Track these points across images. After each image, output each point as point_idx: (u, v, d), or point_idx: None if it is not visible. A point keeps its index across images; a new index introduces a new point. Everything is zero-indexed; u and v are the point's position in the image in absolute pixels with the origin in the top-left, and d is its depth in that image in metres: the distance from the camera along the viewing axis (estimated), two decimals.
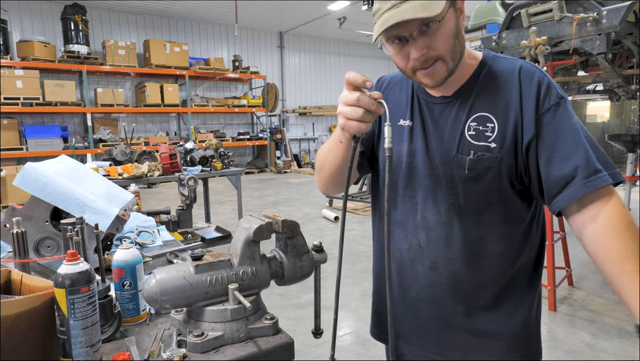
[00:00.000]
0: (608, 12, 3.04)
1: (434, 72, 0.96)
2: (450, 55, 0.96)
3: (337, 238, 5.65)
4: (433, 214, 1.06)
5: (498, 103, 0.99)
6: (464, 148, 1.00)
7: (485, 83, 1.02)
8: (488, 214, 1.02)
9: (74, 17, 9.79)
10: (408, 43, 0.94)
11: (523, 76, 0.99)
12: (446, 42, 0.94)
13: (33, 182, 1.35)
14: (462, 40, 0.98)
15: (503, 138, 0.97)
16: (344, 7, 11.66)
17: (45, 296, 0.87)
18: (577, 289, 3.86)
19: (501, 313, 1.07)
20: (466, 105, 1.02)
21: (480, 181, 1.00)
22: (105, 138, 10.34)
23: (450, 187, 1.03)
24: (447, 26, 0.93)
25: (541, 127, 0.95)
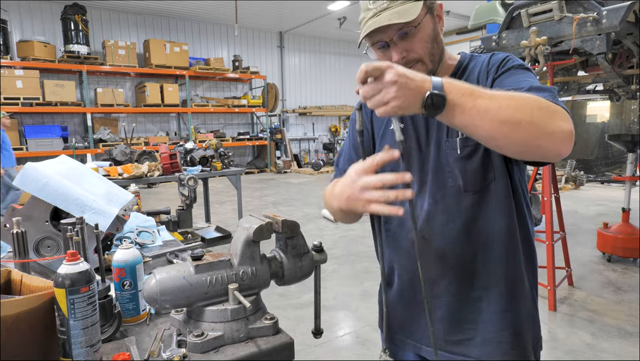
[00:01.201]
0: (608, 12, 3.04)
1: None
2: (429, 57, 1.04)
3: (337, 238, 5.66)
4: (431, 204, 1.09)
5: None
6: (452, 132, 1.06)
7: (463, 76, 1.10)
8: (488, 190, 1.06)
9: (74, 17, 9.80)
10: (389, 48, 1.03)
11: (491, 60, 1.07)
12: (424, 45, 1.03)
13: (33, 182, 1.35)
14: (440, 43, 1.08)
15: None
16: (344, 7, 11.67)
17: (45, 296, 0.87)
18: (577, 289, 3.86)
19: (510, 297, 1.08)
20: None
21: (473, 158, 1.04)
22: (105, 138, 10.35)
23: (448, 172, 1.07)
24: (424, 30, 1.02)
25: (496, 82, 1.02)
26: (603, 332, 3.08)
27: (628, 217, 4.37)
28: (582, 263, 4.51)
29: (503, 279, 1.08)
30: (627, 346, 2.89)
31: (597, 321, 3.24)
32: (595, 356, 2.79)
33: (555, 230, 3.74)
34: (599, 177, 10.22)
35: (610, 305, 3.51)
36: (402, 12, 0.98)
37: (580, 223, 6.22)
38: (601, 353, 2.82)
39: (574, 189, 9.32)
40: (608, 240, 4.45)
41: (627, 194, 4.36)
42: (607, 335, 3.03)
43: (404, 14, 0.98)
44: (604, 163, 10.97)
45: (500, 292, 1.07)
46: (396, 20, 0.97)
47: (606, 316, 3.31)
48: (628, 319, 3.26)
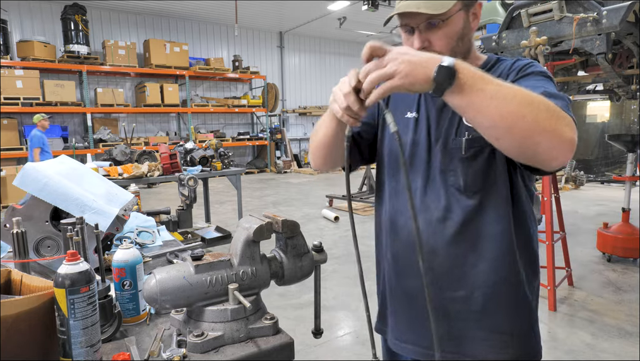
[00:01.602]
0: (608, 12, 3.04)
1: None
2: (450, 54, 0.96)
3: (337, 238, 5.67)
4: (433, 200, 1.09)
5: None
6: (461, 131, 1.06)
7: None
8: (487, 193, 1.05)
9: (74, 17, 9.80)
10: (414, 34, 1.02)
11: (514, 64, 1.06)
12: (448, 42, 1.01)
13: (33, 182, 1.35)
14: (467, 42, 1.06)
15: None
16: (344, 7, 11.67)
17: (45, 296, 0.87)
18: (577, 289, 3.86)
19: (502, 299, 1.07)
20: None
21: (477, 160, 1.04)
22: (105, 138, 10.35)
23: (451, 170, 1.07)
24: (452, 26, 1.01)
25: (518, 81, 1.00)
26: (603, 332, 3.07)
27: (628, 217, 4.37)
28: (582, 263, 4.50)
29: (492, 283, 1.06)
30: (627, 346, 2.89)
31: (597, 321, 3.24)
32: (595, 356, 2.79)
33: (555, 230, 3.74)
34: (599, 177, 10.22)
35: (610, 305, 3.51)
36: (434, 3, 0.97)
37: (581, 223, 6.22)
38: (601, 353, 2.82)
39: (574, 189, 9.32)
40: (608, 240, 4.45)
41: (627, 194, 4.36)
42: (607, 335, 3.03)
43: (435, 5, 0.97)
44: (604, 163, 10.97)
45: (486, 294, 1.06)
46: (424, 10, 0.97)
47: (606, 316, 3.31)
48: (628, 319, 3.26)
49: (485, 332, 1.08)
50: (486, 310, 1.07)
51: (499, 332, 1.07)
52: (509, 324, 1.08)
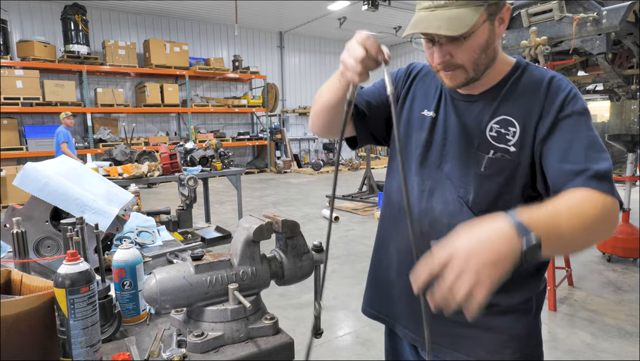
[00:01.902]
0: (608, 12, 3.04)
1: (453, 76, 1.00)
2: (472, 67, 0.98)
3: (337, 238, 5.67)
4: (439, 203, 1.07)
5: (523, 109, 1.00)
6: (483, 147, 1.02)
7: (513, 89, 1.03)
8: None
9: (74, 17, 9.80)
10: (434, 46, 0.97)
11: (552, 86, 1.00)
12: (470, 55, 0.96)
13: (33, 182, 1.35)
14: (492, 52, 0.99)
15: (522, 144, 0.99)
16: (344, 7, 11.67)
17: (45, 296, 0.87)
18: (577, 289, 3.86)
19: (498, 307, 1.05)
20: (491, 106, 1.04)
21: (493, 180, 1.01)
22: (105, 138, 10.35)
23: (463, 182, 1.04)
24: (476, 39, 0.94)
25: (557, 127, 0.96)
26: (603, 332, 3.07)
27: (628, 217, 4.37)
28: (582, 263, 4.50)
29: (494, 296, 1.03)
30: (627, 346, 2.89)
31: (597, 321, 3.24)
32: (595, 356, 2.79)
33: None
34: None
35: (610, 305, 3.51)
36: (455, 21, 0.89)
37: None
38: (601, 353, 2.82)
39: None
40: (608, 240, 4.45)
41: (627, 194, 4.36)
42: (607, 335, 3.03)
43: (457, 24, 0.89)
44: None
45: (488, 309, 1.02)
46: (444, 32, 0.89)
47: (606, 316, 3.31)
48: (628, 319, 3.26)
49: (481, 331, 1.07)
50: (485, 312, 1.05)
51: (497, 332, 1.07)
52: (508, 325, 1.07)
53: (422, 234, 1.09)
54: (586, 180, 0.89)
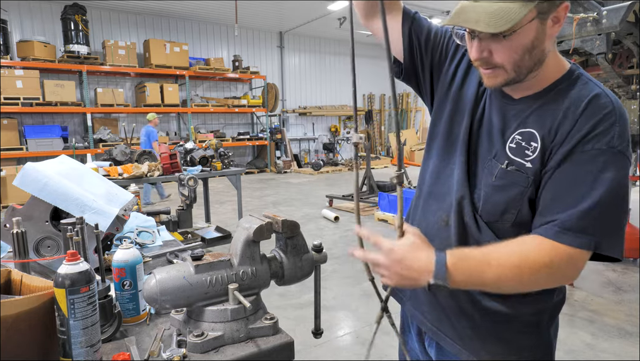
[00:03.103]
0: (608, 12, 3.04)
1: (492, 75, 0.93)
2: (513, 68, 0.90)
3: (337, 238, 5.67)
4: (465, 199, 1.02)
5: (551, 125, 0.92)
6: (500, 156, 0.97)
7: (552, 100, 0.94)
8: (500, 228, 0.99)
9: (74, 17, 9.79)
10: (473, 40, 0.91)
11: (589, 107, 0.89)
12: (511, 55, 0.88)
13: (33, 182, 1.35)
14: (539, 54, 0.89)
15: (541, 162, 0.92)
16: (344, 7, 11.65)
17: (45, 296, 0.87)
18: (577, 289, 3.86)
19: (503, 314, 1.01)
20: (522, 115, 0.97)
21: (503, 193, 0.96)
22: (105, 138, 10.34)
23: (478, 187, 1.00)
24: (520, 39, 0.86)
25: (567, 161, 0.88)
26: (603, 332, 3.07)
27: (628, 217, 4.37)
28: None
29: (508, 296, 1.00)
30: (627, 346, 2.89)
31: (597, 321, 3.24)
32: (595, 356, 2.79)
33: None
34: None
35: (610, 305, 3.51)
36: (497, 16, 0.81)
37: None
38: (601, 353, 2.82)
39: None
40: None
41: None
42: (607, 335, 3.03)
43: (498, 20, 0.81)
44: None
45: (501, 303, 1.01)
46: (483, 27, 0.82)
47: (606, 316, 3.31)
48: (628, 319, 3.26)
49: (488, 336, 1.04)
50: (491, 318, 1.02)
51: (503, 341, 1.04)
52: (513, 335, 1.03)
53: (447, 226, 1.05)
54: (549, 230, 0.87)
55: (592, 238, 0.85)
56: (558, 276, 0.90)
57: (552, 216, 0.88)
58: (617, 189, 0.85)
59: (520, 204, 0.95)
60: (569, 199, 0.87)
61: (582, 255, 0.87)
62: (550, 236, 0.87)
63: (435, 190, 1.10)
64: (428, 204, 1.12)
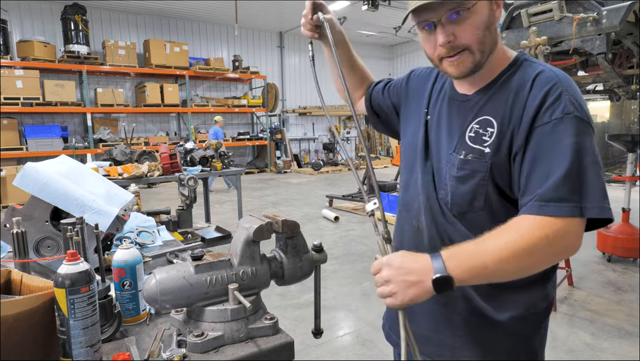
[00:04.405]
0: (608, 12, 3.04)
1: (459, 61, 0.96)
2: (479, 47, 0.95)
3: (337, 238, 5.67)
4: (427, 200, 1.09)
5: (504, 109, 0.97)
6: (460, 148, 1.01)
7: (502, 86, 1.00)
8: (473, 216, 1.01)
9: (74, 17, 9.79)
10: (436, 29, 0.95)
11: (536, 84, 0.94)
12: (475, 32, 0.93)
13: (33, 182, 1.35)
14: (494, 33, 0.97)
15: (498, 145, 0.96)
16: (344, 7, 11.67)
17: (45, 296, 0.87)
18: (577, 289, 3.86)
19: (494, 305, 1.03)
20: (478, 106, 1.02)
21: (466, 183, 1.00)
22: (105, 138, 10.34)
23: (444, 183, 1.05)
24: (478, 15, 0.93)
25: (531, 139, 0.92)
26: (603, 332, 3.08)
27: (628, 217, 4.37)
28: (582, 263, 4.50)
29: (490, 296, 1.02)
30: (627, 346, 2.89)
31: (597, 321, 3.24)
32: (595, 356, 2.79)
33: None
34: None
35: (610, 305, 3.51)
36: None
37: None
38: (601, 353, 2.82)
39: None
40: (608, 240, 4.45)
41: (627, 194, 4.36)
42: (607, 335, 3.03)
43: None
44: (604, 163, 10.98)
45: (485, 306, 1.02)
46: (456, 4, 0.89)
47: (606, 316, 3.31)
48: (628, 319, 3.26)
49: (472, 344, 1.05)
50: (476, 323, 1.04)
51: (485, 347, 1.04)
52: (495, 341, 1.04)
53: (419, 230, 1.11)
54: (532, 207, 0.88)
55: (575, 204, 0.86)
56: (558, 248, 0.87)
57: (532, 194, 0.90)
58: (583, 152, 0.87)
59: (485, 189, 0.98)
60: (543, 173, 0.89)
61: (573, 224, 0.86)
62: (534, 212, 0.87)
63: (405, 200, 1.18)
64: (401, 215, 1.19)
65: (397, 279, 0.86)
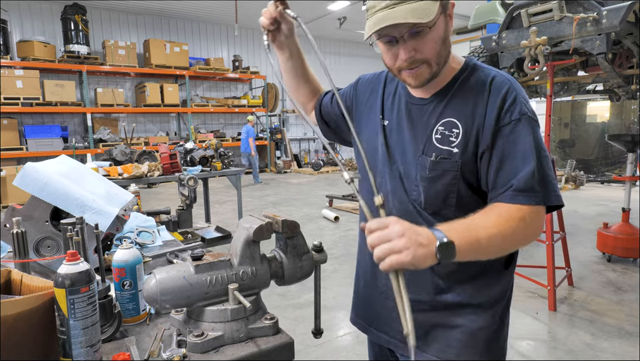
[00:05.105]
0: (608, 12, 3.04)
1: (418, 73, 1.02)
2: (436, 60, 1.01)
3: (337, 238, 5.67)
4: (397, 204, 1.12)
5: (466, 111, 1.04)
6: (429, 150, 1.06)
7: (459, 90, 1.07)
8: (447, 212, 1.06)
9: (74, 17, 9.80)
10: (397, 43, 1.00)
11: (493, 88, 1.03)
12: (434, 47, 1.00)
13: (33, 182, 1.35)
14: (449, 45, 1.04)
15: (465, 145, 1.03)
16: (344, 7, 11.67)
17: (45, 296, 0.87)
18: (577, 289, 3.86)
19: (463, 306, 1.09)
20: (439, 109, 1.07)
21: (439, 182, 1.05)
22: (105, 138, 10.35)
23: (414, 185, 1.09)
24: (436, 31, 0.98)
25: (496, 139, 1.00)
26: (603, 332, 3.08)
27: (628, 217, 4.37)
28: (582, 263, 4.50)
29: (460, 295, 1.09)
30: (627, 346, 2.89)
31: (597, 321, 3.24)
32: (595, 356, 2.79)
33: (555, 230, 3.74)
34: (599, 177, 10.22)
35: (610, 305, 3.51)
36: (419, 11, 0.93)
37: (580, 223, 6.22)
38: (601, 353, 2.82)
39: (574, 189, 9.32)
40: (608, 240, 4.45)
41: (627, 194, 4.36)
42: (607, 335, 3.03)
43: (422, 13, 0.93)
44: (604, 163, 10.98)
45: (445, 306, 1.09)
46: (412, 19, 0.92)
47: (606, 316, 3.31)
48: (628, 319, 3.26)
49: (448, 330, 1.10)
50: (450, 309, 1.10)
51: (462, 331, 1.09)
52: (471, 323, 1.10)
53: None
54: (506, 196, 0.98)
55: (540, 193, 0.97)
56: (531, 230, 0.98)
57: (503, 187, 0.99)
58: (540, 146, 1.00)
59: (456, 186, 1.05)
60: (510, 168, 0.99)
61: (540, 211, 0.98)
62: (508, 200, 0.97)
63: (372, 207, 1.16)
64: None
65: (411, 235, 0.83)
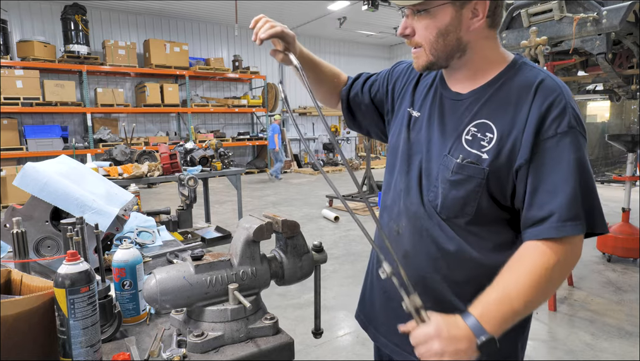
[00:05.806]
0: (608, 12, 3.04)
1: (416, 56, 1.01)
2: (429, 50, 0.97)
3: (337, 238, 5.67)
4: (413, 204, 1.06)
5: (505, 115, 0.94)
6: (456, 151, 0.98)
7: (500, 90, 0.97)
8: (462, 222, 0.99)
9: (74, 17, 9.79)
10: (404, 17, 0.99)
11: (539, 93, 0.92)
12: (426, 35, 0.95)
13: (33, 182, 1.35)
14: (453, 41, 0.95)
15: (498, 152, 0.93)
16: (344, 7, 11.66)
17: (45, 296, 0.87)
18: (577, 289, 3.86)
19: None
20: (474, 107, 0.99)
21: (460, 187, 0.96)
22: (105, 138, 10.34)
23: (433, 185, 1.02)
24: (436, 21, 0.93)
25: (537, 152, 0.90)
26: (603, 332, 3.08)
27: (628, 217, 4.36)
28: (582, 263, 4.50)
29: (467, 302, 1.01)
30: (627, 346, 2.89)
31: (597, 321, 3.24)
32: (595, 356, 2.79)
33: None
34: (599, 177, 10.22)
35: (610, 305, 3.51)
36: None
37: None
38: (601, 353, 2.82)
39: None
40: (608, 240, 4.45)
41: (627, 194, 4.36)
42: (607, 335, 3.03)
43: None
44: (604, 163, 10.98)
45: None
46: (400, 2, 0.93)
47: (606, 316, 3.31)
48: (628, 319, 3.26)
49: None
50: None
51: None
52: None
53: (398, 235, 1.09)
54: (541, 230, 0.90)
55: (585, 220, 0.89)
56: (569, 266, 0.92)
57: (540, 210, 0.90)
58: (585, 169, 0.90)
59: (479, 195, 0.96)
60: (549, 188, 0.89)
61: (581, 239, 0.91)
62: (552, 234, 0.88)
63: (386, 203, 1.16)
64: (383, 218, 1.17)
65: (450, 349, 0.84)
